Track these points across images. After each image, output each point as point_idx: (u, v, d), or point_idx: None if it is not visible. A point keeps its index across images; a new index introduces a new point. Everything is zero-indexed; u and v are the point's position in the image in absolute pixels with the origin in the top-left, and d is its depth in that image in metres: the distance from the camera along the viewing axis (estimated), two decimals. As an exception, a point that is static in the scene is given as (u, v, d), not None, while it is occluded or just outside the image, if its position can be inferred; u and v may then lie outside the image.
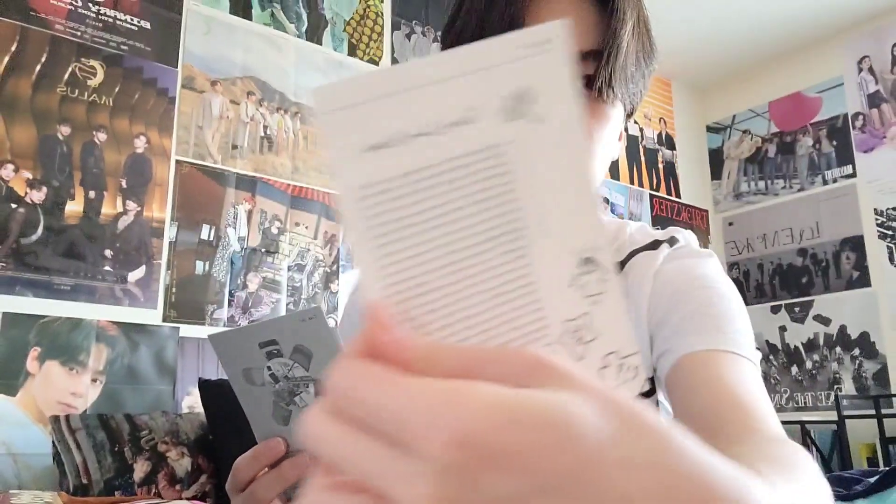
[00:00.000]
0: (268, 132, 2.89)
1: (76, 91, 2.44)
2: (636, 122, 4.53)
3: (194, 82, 2.72)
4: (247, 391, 0.57)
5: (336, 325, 2.11)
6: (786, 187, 4.54)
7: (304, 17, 3.11)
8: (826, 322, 4.20)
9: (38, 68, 2.37)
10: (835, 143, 4.34)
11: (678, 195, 4.69)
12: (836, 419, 3.58)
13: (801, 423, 3.77)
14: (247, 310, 2.69)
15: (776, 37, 4.36)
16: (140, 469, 1.98)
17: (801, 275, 4.37)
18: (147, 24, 2.65)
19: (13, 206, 2.25)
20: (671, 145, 4.75)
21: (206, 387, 2.15)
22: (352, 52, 3.23)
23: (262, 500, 0.56)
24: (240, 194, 2.76)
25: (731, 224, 4.78)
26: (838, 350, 4.13)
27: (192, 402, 2.45)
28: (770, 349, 4.40)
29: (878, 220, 4.09)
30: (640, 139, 4.54)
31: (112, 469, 1.95)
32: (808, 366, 4.23)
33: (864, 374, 4.01)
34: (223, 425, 2.08)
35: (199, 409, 2.24)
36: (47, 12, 2.43)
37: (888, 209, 4.05)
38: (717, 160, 4.93)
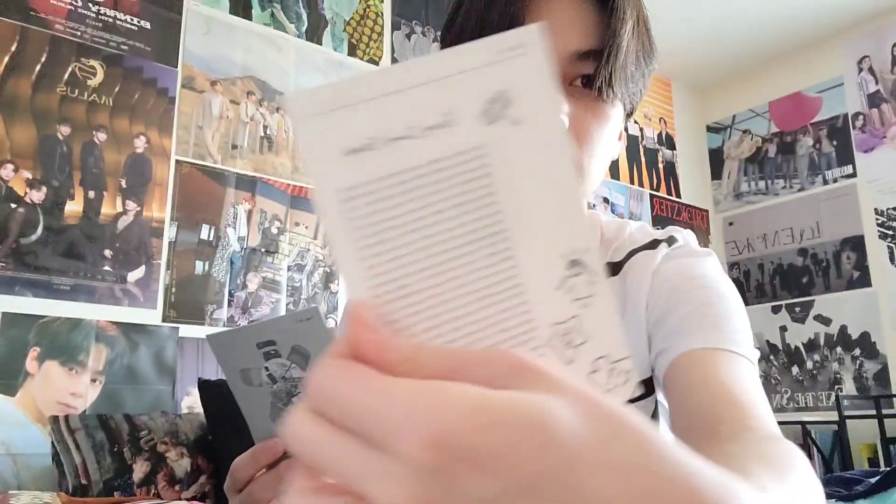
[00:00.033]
0: (268, 132, 2.88)
1: (76, 91, 2.43)
2: (636, 121, 4.53)
3: (194, 82, 2.72)
4: (244, 392, 0.57)
5: (335, 326, 2.11)
6: (786, 187, 4.54)
7: (304, 17, 3.11)
8: (827, 322, 4.20)
9: (37, 68, 2.37)
10: (835, 143, 4.34)
11: (678, 195, 4.68)
12: (836, 419, 3.57)
13: (802, 424, 3.76)
14: (246, 310, 2.69)
15: (776, 37, 4.36)
16: (139, 469, 1.98)
17: (801, 275, 4.36)
18: (147, 24, 2.65)
19: (13, 205, 2.25)
20: (671, 145, 4.75)
21: (205, 387, 2.15)
22: (352, 52, 3.23)
23: (260, 500, 0.56)
24: (240, 194, 2.76)
25: (731, 224, 4.77)
26: (839, 350, 4.12)
27: (191, 402, 2.44)
28: (770, 349, 4.39)
29: (878, 219, 4.08)
30: (641, 139, 4.54)
31: (111, 469, 1.94)
32: (809, 366, 4.23)
33: (864, 375, 4.00)
34: (223, 426, 2.08)
35: (199, 409, 2.23)
36: (47, 12, 2.42)
37: (888, 209, 4.05)
38: (717, 160, 4.93)
